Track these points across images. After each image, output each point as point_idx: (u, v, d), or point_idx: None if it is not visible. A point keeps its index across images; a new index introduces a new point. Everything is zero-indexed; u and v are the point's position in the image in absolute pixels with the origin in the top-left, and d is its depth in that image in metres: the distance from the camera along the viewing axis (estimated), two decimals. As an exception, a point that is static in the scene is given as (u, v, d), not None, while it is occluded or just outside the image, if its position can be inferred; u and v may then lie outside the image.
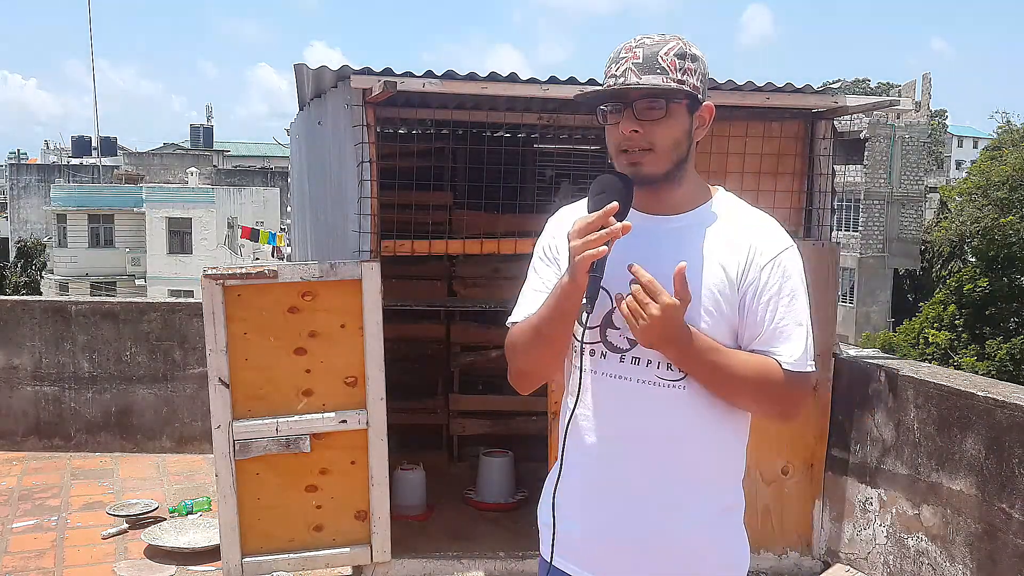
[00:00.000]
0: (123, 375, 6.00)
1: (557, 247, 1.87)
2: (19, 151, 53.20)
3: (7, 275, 32.55)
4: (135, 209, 33.82)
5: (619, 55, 1.74)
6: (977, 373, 16.10)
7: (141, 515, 4.80)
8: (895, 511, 4.06)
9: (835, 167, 4.48)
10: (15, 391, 5.96)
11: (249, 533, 3.92)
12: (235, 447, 3.84)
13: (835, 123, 4.48)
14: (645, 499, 1.79)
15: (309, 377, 3.90)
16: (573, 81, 3.87)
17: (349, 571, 4.26)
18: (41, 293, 31.44)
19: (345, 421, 3.91)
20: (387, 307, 4.02)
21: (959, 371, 7.04)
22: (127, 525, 4.72)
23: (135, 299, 9.13)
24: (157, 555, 4.39)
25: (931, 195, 34.35)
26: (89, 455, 5.96)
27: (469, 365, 6.09)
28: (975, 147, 61.19)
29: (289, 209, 11.21)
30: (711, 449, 1.81)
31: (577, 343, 1.78)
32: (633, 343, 1.76)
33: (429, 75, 3.81)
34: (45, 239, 35.83)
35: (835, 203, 4.86)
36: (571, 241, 1.66)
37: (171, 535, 4.51)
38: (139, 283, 33.29)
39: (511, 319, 1.90)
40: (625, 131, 1.72)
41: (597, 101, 1.77)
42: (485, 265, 6.03)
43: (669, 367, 1.76)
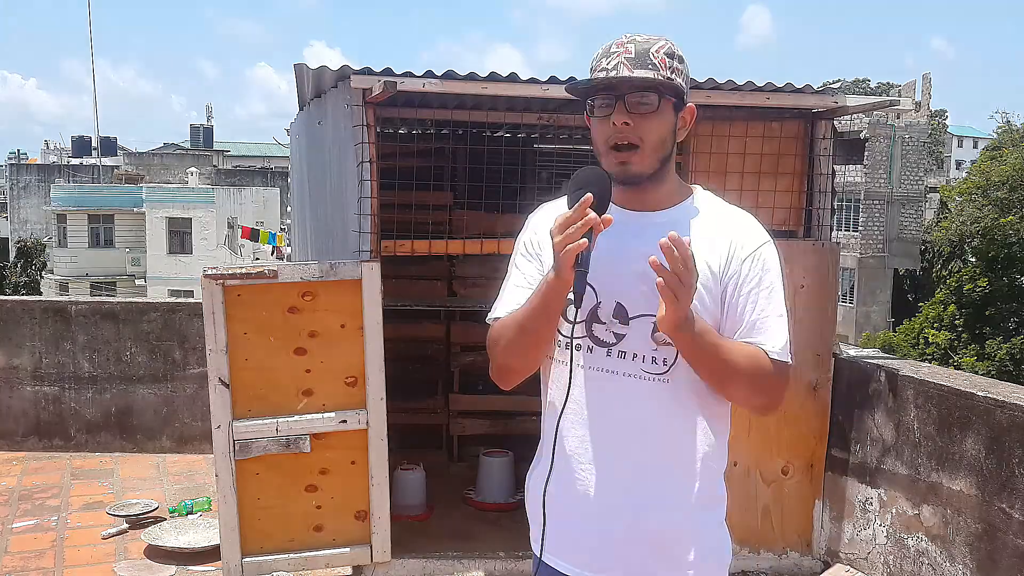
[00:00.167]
0: (123, 375, 6.00)
1: (539, 243, 1.89)
2: (19, 151, 53.22)
3: (7, 275, 32.56)
4: (135, 209, 33.81)
5: (610, 50, 1.77)
6: (977, 373, 16.10)
7: (141, 515, 4.80)
8: (895, 511, 4.06)
9: (835, 167, 4.48)
10: (15, 391, 5.96)
11: (249, 533, 3.92)
12: (235, 447, 3.84)
13: (835, 123, 4.48)
14: (634, 491, 1.81)
15: (309, 377, 3.90)
16: (573, 81, 3.86)
17: (349, 571, 4.26)
18: (41, 293, 31.44)
19: (345, 421, 3.91)
20: (387, 307, 4.02)
21: (959, 371, 7.04)
22: (127, 525, 4.73)
23: (135, 299, 9.13)
24: (157, 555, 4.39)
25: (931, 195, 34.34)
26: (89, 455, 5.96)
27: (469, 365, 6.09)
28: (975, 147, 61.21)
29: (289, 209, 11.21)
30: (695, 441, 1.84)
31: (562, 338, 1.81)
32: (620, 337, 1.79)
33: (429, 75, 3.81)
34: (45, 239, 35.82)
35: (835, 203, 4.86)
36: (553, 238, 1.67)
37: (171, 535, 4.51)
38: (139, 283, 33.28)
39: (492, 315, 1.91)
40: (617, 123, 1.74)
41: (588, 92, 1.79)
42: (485, 265, 6.03)
43: (655, 360, 1.79)
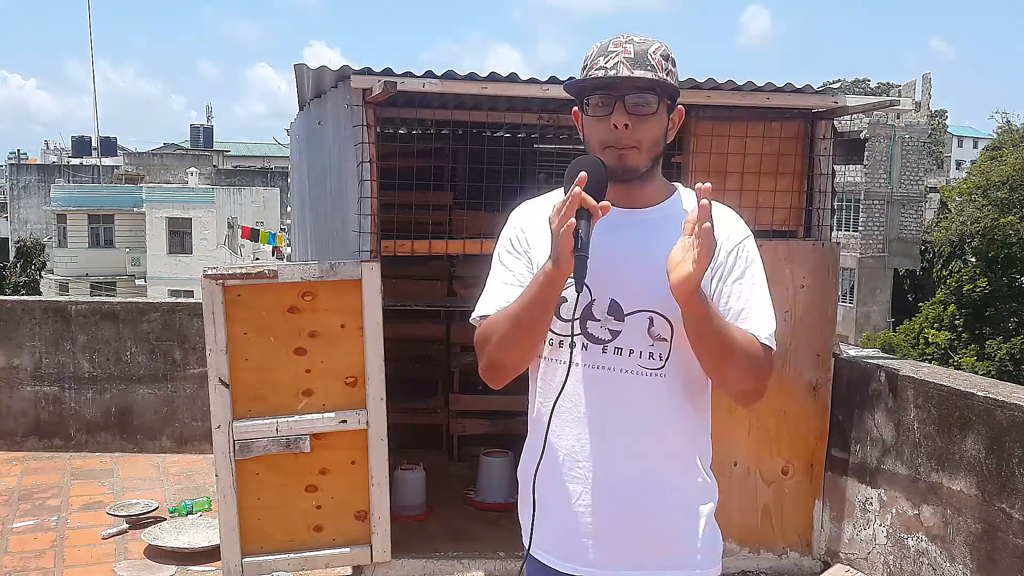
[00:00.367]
0: (123, 375, 6.00)
1: (526, 239, 1.89)
2: (19, 151, 53.22)
3: (7, 275, 32.55)
4: (135, 209, 33.81)
5: (607, 49, 1.77)
6: (977, 373, 16.11)
7: (141, 515, 4.80)
8: (895, 511, 4.06)
9: (835, 167, 4.48)
10: (15, 391, 5.96)
11: (249, 533, 3.92)
12: (235, 447, 3.83)
13: (835, 123, 4.48)
14: (635, 487, 1.82)
15: (309, 377, 3.90)
16: (572, 80, 3.86)
17: (349, 571, 4.26)
18: (41, 293, 31.44)
19: (345, 421, 3.91)
20: (387, 307, 4.02)
21: (959, 371, 7.05)
22: (127, 525, 4.72)
23: (135, 299, 9.14)
24: (157, 555, 4.39)
25: (931, 195, 34.34)
26: (89, 455, 5.96)
27: (469, 365, 6.08)
28: (975, 147, 61.22)
29: (289, 209, 11.21)
30: (690, 434, 1.87)
31: (554, 336, 1.82)
32: (615, 333, 1.80)
33: (429, 75, 3.81)
34: (45, 239, 35.82)
35: (835, 203, 4.86)
36: (551, 224, 1.66)
37: (171, 535, 4.51)
38: (139, 283, 33.28)
39: (478, 313, 1.89)
40: (617, 124, 1.74)
41: (587, 90, 1.79)
42: (485, 265, 6.00)
43: (651, 356, 1.80)
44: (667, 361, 1.80)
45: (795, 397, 4.32)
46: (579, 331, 1.81)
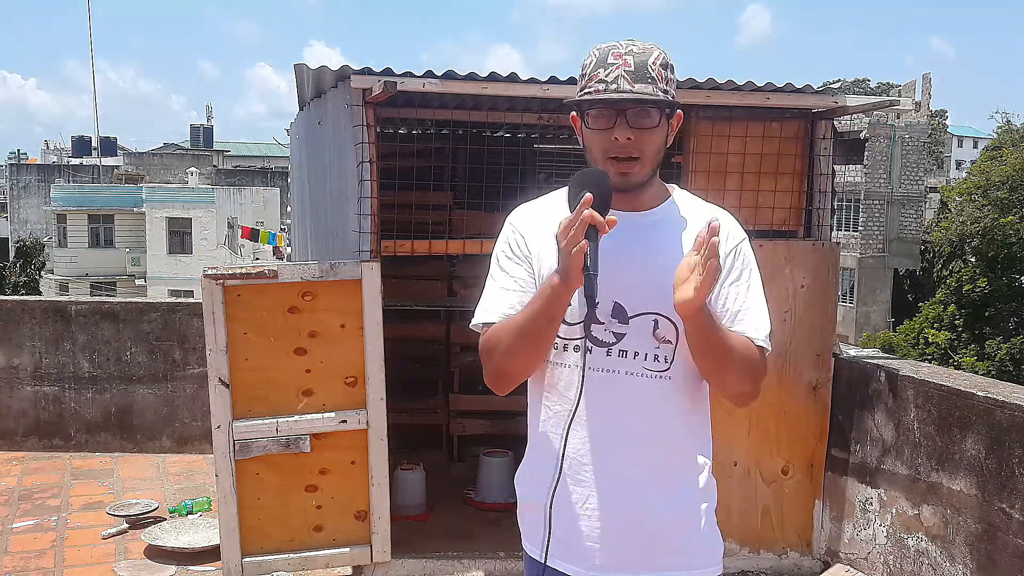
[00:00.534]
0: (123, 375, 6.00)
1: (526, 244, 1.89)
2: (19, 151, 53.23)
3: (7, 275, 32.55)
4: (135, 209, 33.80)
5: (607, 60, 1.77)
6: (977, 373, 16.10)
7: (141, 515, 4.80)
8: (895, 511, 4.06)
9: (835, 167, 4.48)
10: (15, 391, 5.96)
11: (249, 533, 3.92)
12: (235, 447, 3.84)
13: (835, 123, 4.48)
14: (641, 490, 1.83)
15: (309, 377, 3.90)
16: (573, 81, 3.82)
17: (349, 571, 4.25)
18: (41, 293, 31.43)
19: (345, 421, 3.91)
20: (387, 307, 4.02)
21: (959, 371, 7.04)
22: (127, 525, 4.72)
23: (135, 299, 9.14)
24: (157, 555, 4.39)
25: (931, 195, 34.34)
26: (89, 455, 5.96)
27: (469, 365, 6.08)
28: (975, 147, 61.19)
29: (289, 209, 11.21)
30: (694, 435, 1.89)
31: (559, 340, 1.83)
32: (620, 336, 1.81)
33: (429, 75, 3.81)
34: (45, 239, 35.82)
35: (835, 203, 4.87)
36: (559, 242, 1.67)
37: (171, 535, 4.51)
38: (139, 283, 33.27)
39: (480, 320, 1.89)
40: (621, 139, 1.76)
41: (589, 105, 1.79)
42: (485, 265, 6.01)
43: (656, 358, 1.81)
44: (672, 363, 1.82)
45: (795, 397, 4.32)
46: (582, 335, 1.82)
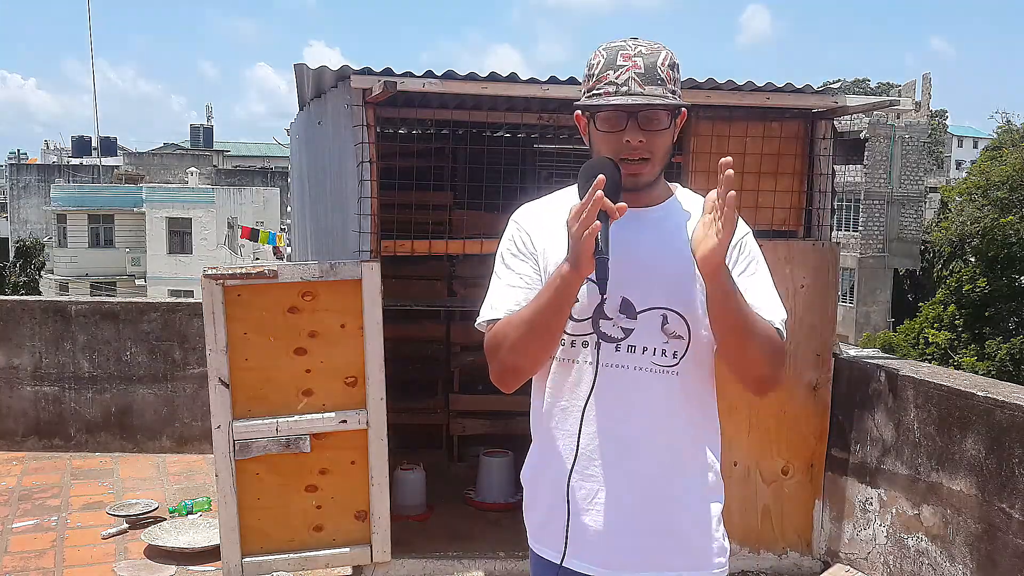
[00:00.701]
0: (123, 375, 6.00)
1: (532, 241, 1.89)
2: (19, 151, 53.26)
3: (6, 275, 32.55)
4: (135, 209, 33.81)
5: (616, 61, 1.77)
6: (977, 373, 16.10)
7: (141, 515, 4.80)
8: (895, 511, 4.06)
9: (835, 167, 4.48)
10: (15, 391, 5.96)
11: (249, 533, 3.92)
12: (235, 447, 3.84)
13: (835, 123, 4.48)
14: (651, 486, 1.83)
15: (309, 377, 3.90)
16: (573, 81, 3.87)
17: (349, 571, 4.26)
18: (41, 293, 31.43)
19: (345, 421, 3.91)
20: (387, 307, 4.02)
21: (959, 371, 7.04)
22: (127, 525, 4.72)
23: (135, 299, 9.13)
24: (157, 555, 4.39)
25: (931, 195, 34.35)
26: (89, 455, 5.96)
27: (469, 365, 6.09)
28: (975, 147, 61.21)
29: (289, 209, 11.21)
30: (704, 432, 1.89)
31: (567, 336, 1.82)
32: (628, 332, 1.81)
33: (429, 75, 3.81)
34: (45, 239, 35.82)
35: (835, 203, 4.87)
36: (570, 228, 1.67)
37: (171, 535, 4.51)
38: (139, 283, 33.28)
39: (485, 317, 1.88)
40: (633, 141, 1.77)
41: (599, 108, 1.79)
42: (485, 265, 6.01)
43: (664, 353, 1.81)
44: (681, 359, 1.82)
45: (795, 397, 4.32)
46: (591, 330, 1.82)
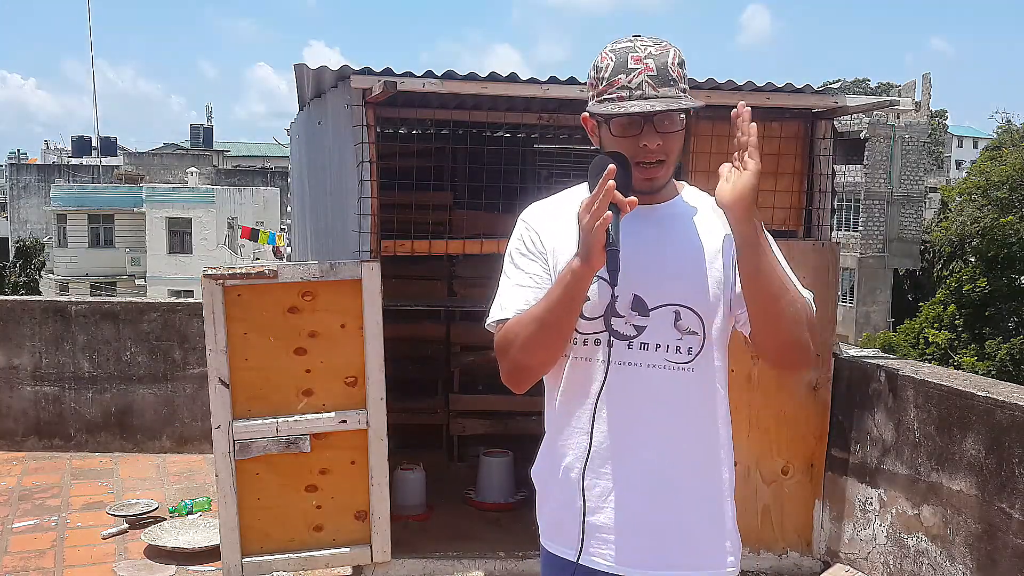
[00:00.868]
0: (123, 375, 6.00)
1: (541, 241, 1.88)
2: (19, 151, 53.24)
3: (6, 275, 32.54)
4: (135, 209, 33.82)
5: (627, 64, 1.76)
6: (977, 373, 16.10)
7: (141, 515, 4.80)
8: (895, 511, 4.06)
9: (835, 167, 4.48)
10: (15, 391, 5.96)
11: (249, 533, 3.92)
12: (235, 447, 3.84)
13: (835, 123, 4.48)
14: (660, 485, 1.82)
15: (309, 377, 3.90)
16: (573, 81, 3.87)
17: (349, 571, 4.26)
18: (41, 293, 31.43)
19: (345, 421, 3.91)
20: (387, 307, 4.02)
21: (959, 371, 7.04)
22: (127, 525, 4.72)
23: (135, 299, 9.13)
24: (157, 555, 4.39)
25: (931, 195, 34.35)
26: (89, 455, 5.96)
27: (469, 365, 6.09)
28: (975, 147, 61.21)
29: (289, 209, 11.21)
30: (719, 430, 1.88)
31: (578, 335, 1.81)
32: (640, 329, 1.80)
33: (429, 75, 3.81)
34: (45, 239, 35.82)
35: (835, 203, 4.87)
36: (580, 221, 1.66)
37: (171, 535, 4.51)
38: (139, 283, 33.28)
39: (495, 318, 1.86)
40: (651, 145, 1.76)
41: (618, 117, 1.77)
42: (485, 265, 6.03)
43: (679, 350, 1.81)
44: (696, 356, 1.81)
45: (795, 397, 4.32)
46: (603, 328, 1.80)
